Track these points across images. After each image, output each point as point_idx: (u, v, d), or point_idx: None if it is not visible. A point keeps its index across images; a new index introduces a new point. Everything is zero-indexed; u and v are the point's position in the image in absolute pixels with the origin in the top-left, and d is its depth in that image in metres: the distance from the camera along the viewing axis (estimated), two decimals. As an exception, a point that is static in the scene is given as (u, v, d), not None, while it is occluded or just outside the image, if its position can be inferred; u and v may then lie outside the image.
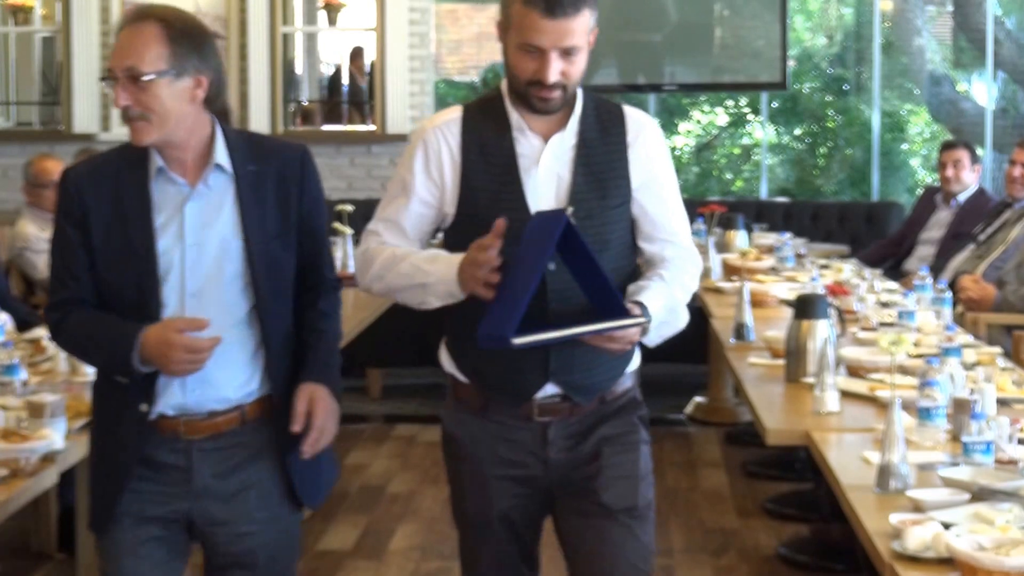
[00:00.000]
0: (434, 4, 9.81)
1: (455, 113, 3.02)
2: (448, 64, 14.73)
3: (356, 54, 9.70)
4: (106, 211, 2.89)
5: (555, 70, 2.85)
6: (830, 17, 13.39)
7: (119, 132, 8.73)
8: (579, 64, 2.89)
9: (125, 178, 2.91)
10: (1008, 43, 11.34)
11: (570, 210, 2.79)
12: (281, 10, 8.93)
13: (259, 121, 8.91)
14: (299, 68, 10.17)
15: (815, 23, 13.41)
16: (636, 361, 3.13)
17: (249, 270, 2.90)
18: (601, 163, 2.98)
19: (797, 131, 13.16)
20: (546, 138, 2.97)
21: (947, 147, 8.11)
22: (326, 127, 9.32)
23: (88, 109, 8.99)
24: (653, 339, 2.98)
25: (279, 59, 8.95)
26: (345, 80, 9.76)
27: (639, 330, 2.87)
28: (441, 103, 12.02)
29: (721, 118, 13.47)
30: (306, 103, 9.83)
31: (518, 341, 2.68)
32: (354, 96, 9.55)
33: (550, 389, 2.99)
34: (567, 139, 2.97)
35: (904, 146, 12.75)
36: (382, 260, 2.99)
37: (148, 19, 2.84)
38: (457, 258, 2.85)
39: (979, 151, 8.75)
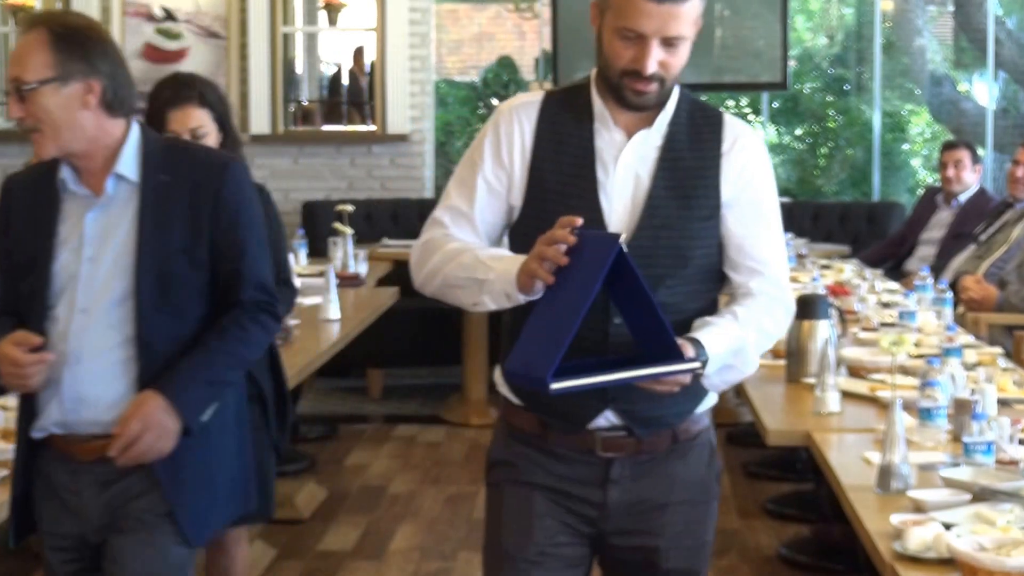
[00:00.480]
0: (434, 4, 9.80)
1: (536, 96, 2.73)
2: (448, 64, 14.72)
3: (358, 54, 9.70)
4: (22, 220, 2.86)
5: (655, 60, 2.54)
6: (831, 17, 13.38)
7: (119, 132, 8.72)
8: (681, 56, 2.59)
9: (43, 187, 2.85)
10: (1009, 43, 11.34)
11: (624, 236, 2.46)
12: (281, 10, 8.92)
13: (259, 121, 8.91)
14: (299, 68, 10.16)
15: (816, 23, 13.41)
16: (712, 398, 2.76)
17: (138, 288, 2.77)
18: (688, 169, 2.65)
19: (798, 131, 13.16)
20: (630, 134, 2.65)
21: (948, 147, 8.11)
22: (326, 127, 9.32)
23: (88, 109, 8.98)
24: (715, 383, 2.65)
25: (279, 59, 8.95)
26: (345, 80, 9.75)
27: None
28: (441, 103, 12.02)
29: (722, 118, 13.45)
30: (306, 103, 9.82)
31: (556, 387, 2.35)
32: (354, 96, 9.55)
33: (611, 418, 2.65)
34: (653, 138, 2.66)
35: (905, 146, 12.74)
36: (444, 252, 2.65)
37: (37, 26, 2.76)
38: (523, 257, 2.50)
39: (980, 151, 8.75)
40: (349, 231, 6.88)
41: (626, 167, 2.64)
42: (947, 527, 2.60)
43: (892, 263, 7.99)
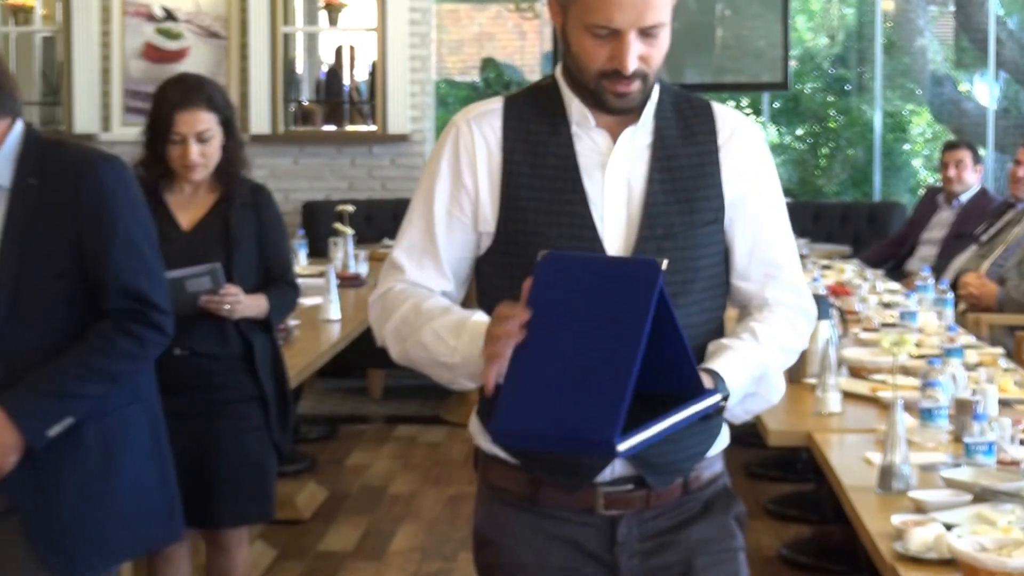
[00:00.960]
0: (435, 4, 9.80)
1: (495, 103, 2.35)
2: (449, 64, 14.71)
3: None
4: None
5: (634, 56, 2.20)
6: (832, 17, 13.38)
7: (120, 132, 8.73)
8: (662, 45, 2.23)
9: None
10: (1010, 43, 11.33)
11: (665, 263, 2.00)
12: (282, 10, 8.92)
13: (259, 121, 8.91)
14: (300, 68, 10.16)
15: (817, 23, 13.40)
16: (725, 439, 2.41)
17: None
18: (685, 168, 2.31)
19: (799, 131, 13.15)
20: (615, 135, 2.30)
21: (949, 147, 8.10)
22: (327, 127, 9.32)
23: (89, 109, 8.99)
24: (736, 414, 2.32)
25: (280, 59, 8.95)
26: (347, 80, 9.75)
27: None
28: (442, 103, 12.01)
29: (723, 118, 13.45)
30: (307, 103, 9.82)
31: (625, 447, 1.93)
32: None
33: (619, 469, 2.27)
34: (641, 136, 2.31)
35: (906, 146, 12.73)
36: (401, 316, 2.27)
37: None
38: (484, 327, 2.10)
39: (981, 151, 8.75)
40: (349, 231, 6.88)
41: (616, 173, 2.29)
42: (948, 528, 2.59)
43: (893, 263, 7.98)
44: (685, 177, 2.32)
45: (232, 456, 3.86)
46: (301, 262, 7.16)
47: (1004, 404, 3.77)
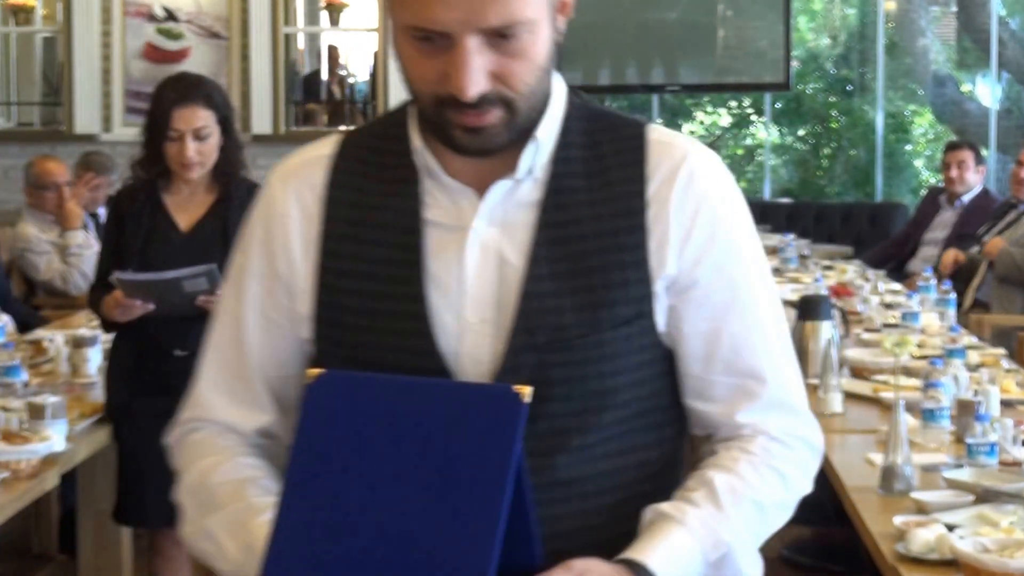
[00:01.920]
0: (437, 5, 9.80)
1: (324, 149, 1.68)
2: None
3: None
4: None
5: (477, 73, 1.47)
6: (834, 18, 13.37)
7: (120, 133, 8.72)
8: (532, 54, 1.50)
9: None
10: (1012, 44, 11.32)
11: (528, 392, 1.40)
12: (283, 10, 8.92)
13: (261, 121, 8.90)
14: (301, 68, 10.16)
15: (819, 24, 13.39)
16: None
17: None
18: (590, 236, 1.56)
19: (801, 132, 13.15)
20: (481, 189, 1.57)
21: (951, 148, 8.10)
22: (328, 128, 9.32)
23: (89, 110, 8.98)
24: None
25: (281, 59, 8.94)
26: (348, 80, 9.75)
27: None
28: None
29: (724, 119, 13.45)
30: (308, 103, 9.82)
31: None
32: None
33: None
34: (524, 191, 1.57)
35: (908, 147, 12.73)
36: (189, 487, 1.65)
37: None
38: (261, 543, 1.43)
39: (983, 152, 8.75)
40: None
41: (479, 250, 1.56)
42: (950, 528, 2.59)
43: (895, 264, 7.98)
44: (590, 251, 1.56)
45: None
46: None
47: (1006, 405, 3.76)
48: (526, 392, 1.39)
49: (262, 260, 1.65)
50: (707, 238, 1.59)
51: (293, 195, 1.66)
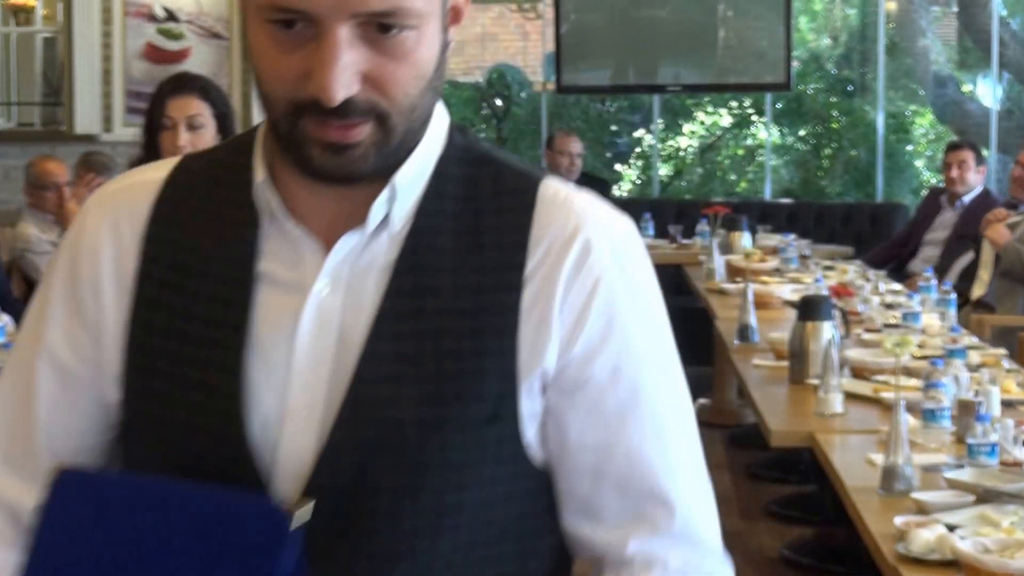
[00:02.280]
0: (437, 5, 9.80)
1: (159, 172, 1.36)
2: (452, 65, 14.71)
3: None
4: None
5: (348, 70, 1.20)
6: (834, 18, 13.37)
7: (121, 133, 8.72)
8: (415, 59, 1.25)
9: None
10: (1013, 44, 11.32)
11: (305, 510, 1.19)
12: (284, 11, 8.94)
13: (262, 122, 8.92)
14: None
15: (819, 24, 13.39)
16: None
17: None
18: (450, 313, 1.27)
19: (801, 132, 13.14)
20: (330, 241, 1.29)
21: (952, 148, 8.10)
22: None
23: (90, 110, 8.99)
24: None
25: (282, 60, 8.96)
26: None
27: None
28: (445, 103, 11.99)
29: (725, 119, 13.45)
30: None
31: None
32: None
33: None
34: (376, 248, 1.29)
35: (909, 147, 12.73)
36: None
37: None
38: None
39: (984, 152, 8.74)
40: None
41: (319, 314, 1.28)
42: (951, 529, 2.59)
43: (895, 264, 7.98)
44: (445, 331, 1.26)
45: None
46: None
47: (1007, 405, 3.76)
48: (301, 511, 1.11)
49: (66, 303, 1.34)
50: (603, 329, 1.28)
51: (108, 226, 1.33)
